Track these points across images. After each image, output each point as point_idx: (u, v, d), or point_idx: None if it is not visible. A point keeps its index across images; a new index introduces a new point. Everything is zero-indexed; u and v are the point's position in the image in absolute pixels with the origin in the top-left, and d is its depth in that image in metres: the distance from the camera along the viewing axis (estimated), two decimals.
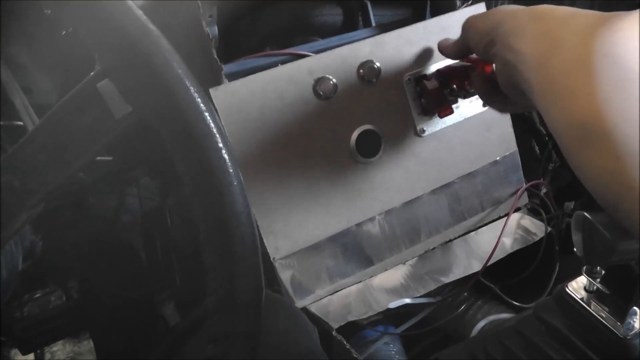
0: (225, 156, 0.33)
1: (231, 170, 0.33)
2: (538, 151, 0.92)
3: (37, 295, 1.19)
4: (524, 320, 0.57)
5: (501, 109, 0.64)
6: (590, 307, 0.52)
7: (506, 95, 0.60)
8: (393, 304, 0.70)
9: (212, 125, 0.33)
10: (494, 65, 0.66)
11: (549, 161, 0.91)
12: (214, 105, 0.64)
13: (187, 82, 0.33)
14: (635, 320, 0.50)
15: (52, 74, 0.79)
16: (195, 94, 0.33)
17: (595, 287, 0.52)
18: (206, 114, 0.33)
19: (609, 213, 0.36)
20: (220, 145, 0.33)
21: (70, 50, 0.71)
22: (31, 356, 1.13)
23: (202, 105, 0.33)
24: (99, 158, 0.82)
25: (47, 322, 0.99)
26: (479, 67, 0.70)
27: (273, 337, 0.52)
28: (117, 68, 0.35)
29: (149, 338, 1.01)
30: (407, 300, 0.71)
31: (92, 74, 0.36)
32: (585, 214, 0.45)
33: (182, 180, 0.33)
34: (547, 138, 0.90)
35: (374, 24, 0.84)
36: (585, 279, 0.53)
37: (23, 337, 0.98)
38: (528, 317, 0.57)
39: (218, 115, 0.61)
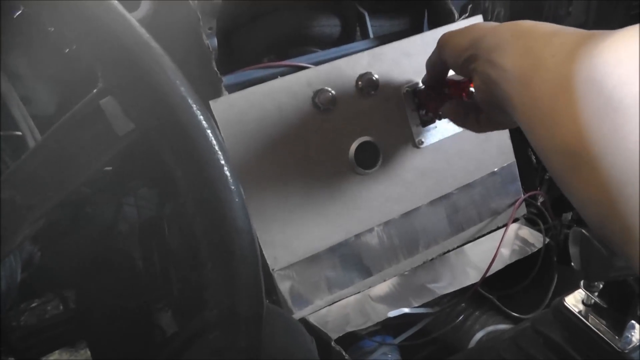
0: (227, 173, 0.34)
1: (233, 187, 0.34)
2: (535, 161, 0.92)
3: (34, 305, 1.19)
4: (522, 332, 0.57)
5: (476, 129, 0.63)
6: (588, 321, 0.52)
7: (481, 114, 0.60)
8: (392, 313, 0.70)
9: (214, 142, 0.34)
10: (472, 83, 0.66)
11: (545, 171, 0.91)
12: (213, 117, 0.64)
13: (189, 100, 0.33)
14: (633, 334, 0.50)
15: (52, 84, 0.79)
16: (198, 111, 0.34)
17: (593, 301, 0.52)
18: (208, 131, 0.34)
19: (597, 232, 0.35)
20: (222, 162, 0.34)
21: (70, 61, 0.71)
22: None
23: (204, 122, 0.34)
24: None
25: (44, 332, 0.99)
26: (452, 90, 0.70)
27: (271, 349, 0.52)
28: (119, 86, 0.35)
29: (147, 347, 1.01)
30: (406, 310, 0.71)
31: (94, 91, 0.36)
32: (583, 230, 0.45)
33: (184, 197, 0.34)
34: None
35: (371, 35, 0.85)
36: (583, 293, 0.53)
37: (20, 346, 0.97)
38: (526, 329, 0.57)
39: (219, 130, 0.61)
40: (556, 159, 0.36)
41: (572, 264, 0.49)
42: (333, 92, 0.69)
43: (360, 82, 0.70)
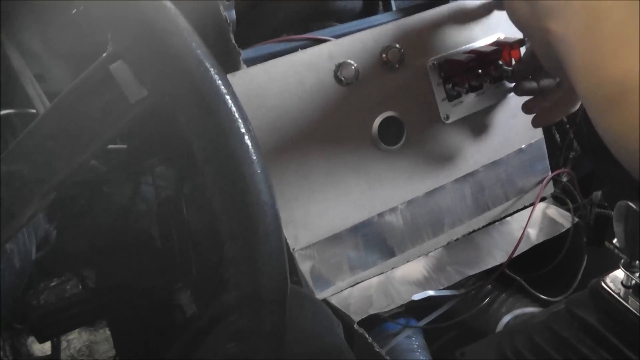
0: (248, 142, 0.31)
1: (254, 158, 0.31)
2: (559, 139, 0.89)
3: (53, 284, 1.19)
4: (556, 315, 0.55)
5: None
6: (627, 303, 0.50)
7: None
8: (417, 296, 0.68)
9: (233, 109, 0.31)
10: (526, 47, 0.66)
11: (569, 150, 0.89)
12: None
13: (207, 64, 0.31)
14: None
15: (66, 61, 0.78)
16: (216, 75, 0.31)
17: (633, 282, 0.49)
18: (227, 97, 0.31)
19: (632, 170, 0.38)
20: (243, 130, 0.31)
21: (83, 35, 0.69)
22: (48, 344, 1.12)
23: (223, 88, 0.31)
24: (113, 146, 0.81)
25: (63, 311, 0.99)
26: (504, 52, 0.68)
27: (297, 333, 0.50)
28: (131, 49, 0.32)
29: (168, 326, 1.01)
30: (431, 292, 0.69)
31: (104, 55, 0.34)
32: (630, 203, 0.43)
33: (202, 169, 0.31)
34: (567, 126, 0.88)
35: (394, 8, 0.82)
36: (623, 273, 0.50)
37: (39, 325, 0.97)
38: (560, 312, 0.55)
39: None
40: (603, 93, 0.40)
41: (616, 241, 0.46)
42: (356, 65, 0.66)
43: (384, 55, 0.68)
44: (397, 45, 0.68)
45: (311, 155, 0.66)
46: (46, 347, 1.14)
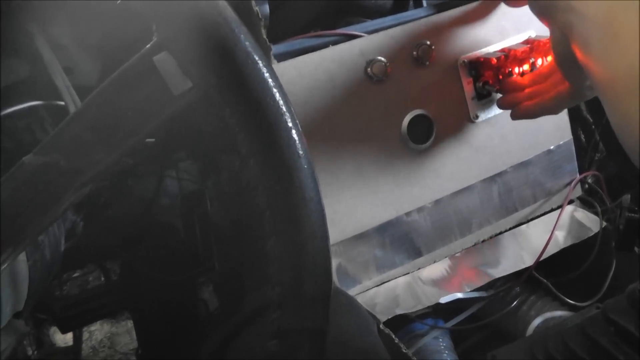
0: (296, 137, 0.31)
1: (302, 153, 0.31)
2: (584, 140, 0.87)
3: (76, 275, 1.20)
4: (590, 320, 0.54)
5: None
6: None
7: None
8: (444, 299, 0.67)
9: (281, 102, 0.31)
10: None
11: (595, 151, 0.87)
12: None
13: (255, 56, 0.30)
14: None
15: (94, 54, 0.78)
16: (264, 68, 0.31)
17: None
18: (275, 90, 0.31)
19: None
20: (290, 124, 0.31)
21: (114, 28, 0.69)
22: (70, 335, 1.13)
23: (271, 81, 0.31)
24: None
25: (86, 302, 0.99)
26: (535, 51, 0.67)
27: (335, 331, 0.49)
28: (177, 40, 0.32)
29: (190, 320, 1.01)
30: (459, 295, 0.68)
31: (147, 46, 0.33)
32: None
33: (246, 163, 0.31)
34: (593, 127, 0.86)
35: (425, 4, 0.81)
36: None
37: (62, 316, 0.98)
38: (595, 317, 0.53)
39: None
40: (621, 82, 0.38)
41: None
42: (386, 62, 0.66)
43: (415, 52, 0.67)
44: (428, 42, 0.67)
45: (340, 153, 0.66)
46: (68, 338, 1.15)
